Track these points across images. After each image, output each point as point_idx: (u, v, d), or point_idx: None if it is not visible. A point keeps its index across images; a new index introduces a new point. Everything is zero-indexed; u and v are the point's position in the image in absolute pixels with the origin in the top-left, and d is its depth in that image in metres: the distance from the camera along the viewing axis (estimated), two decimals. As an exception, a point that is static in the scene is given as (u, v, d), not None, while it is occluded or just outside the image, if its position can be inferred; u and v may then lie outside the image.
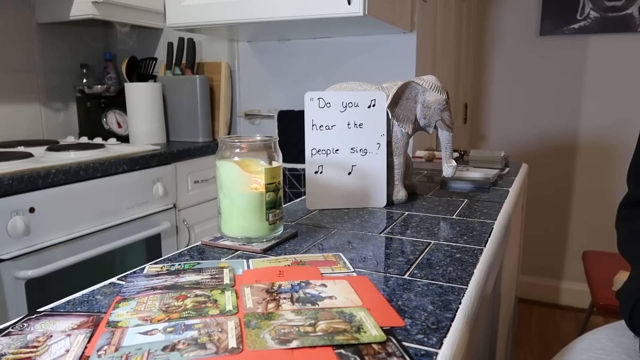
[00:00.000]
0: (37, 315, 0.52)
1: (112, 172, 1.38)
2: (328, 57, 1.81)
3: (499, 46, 2.68)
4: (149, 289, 0.58)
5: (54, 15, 1.76)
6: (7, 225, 1.12)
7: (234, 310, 0.51)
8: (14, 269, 1.14)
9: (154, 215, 1.53)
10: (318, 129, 0.93)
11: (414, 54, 1.69)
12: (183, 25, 1.63)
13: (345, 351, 0.43)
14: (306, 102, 0.92)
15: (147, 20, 1.89)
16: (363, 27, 1.59)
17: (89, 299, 0.56)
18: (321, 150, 0.94)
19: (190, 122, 1.87)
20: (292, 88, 1.89)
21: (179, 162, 1.64)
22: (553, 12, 2.50)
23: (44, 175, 1.20)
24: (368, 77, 1.76)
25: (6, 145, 1.56)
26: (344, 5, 1.36)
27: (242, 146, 0.75)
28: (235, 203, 0.74)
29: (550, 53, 2.53)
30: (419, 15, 1.69)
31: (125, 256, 1.45)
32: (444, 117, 0.97)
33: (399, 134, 0.97)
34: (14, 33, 1.75)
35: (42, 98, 1.86)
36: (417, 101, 0.97)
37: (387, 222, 0.86)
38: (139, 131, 1.79)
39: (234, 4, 1.51)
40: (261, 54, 1.93)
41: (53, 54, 1.89)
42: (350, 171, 0.96)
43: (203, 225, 1.76)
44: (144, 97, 1.77)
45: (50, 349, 0.44)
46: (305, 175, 0.95)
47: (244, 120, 2.01)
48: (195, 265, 0.66)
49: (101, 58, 2.07)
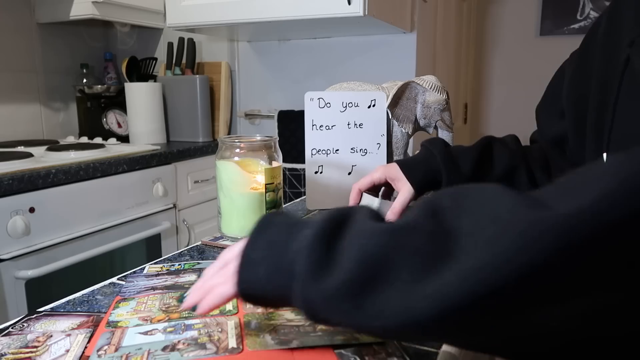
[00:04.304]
0: (37, 315, 0.52)
1: (112, 172, 1.38)
2: (328, 57, 1.81)
3: (499, 46, 2.68)
4: (149, 289, 0.58)
5: (54, 15, 1.76)
6: (7, 225, 1.12)
7: (234, 310, 0.51)
8: (14, 269, 1.14)
9: (154, 215, 1.53)
10: (318, 129, 0.93)
11: (414, 54, 1.68)
12: (183, 25, 1.63)
13: (345, 351, 0.43)
14: (306, 102, 0.92)
15: (147, 20, 1.89)
16: (363, 27, 1.59)
17: (89, 299, 0.56)
18: (321, 150, 0.94)
19: (190, 122, 1.87)
20: (292, 88, 1.89)
21: (179, 162, 1.64)
22: (553, 12, 2.50)
23: (44, 175, 1.20)
24: (368, 77, 1.75)
25: (6, 145, 1.56)
26: (344, 5, 1.36)
27: (242, 146, 0.75)
28: (235, 203, 0.74)
29: (550, 53, 2.53)
30: (419, 15, 1.69)
31: (125, 256, 1.45)
32: (444, 117, 0.97)
33: (399, 134, 0.97)
34: (14, 33, 1.75)
35: (42, 98, 1.86)
36: (417, 101, 0.97)
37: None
38: (139, 131, 1.79)
39: (234, 4, 1.51)
40: (261, 54, 1.93)
41: (53, 54, 1.89)
42: (350, 171, 0.96)
43: (203, 225, 1.76)
44: (144, 97, 1.77)
45: (50, 349, 0.44)
46: (305, 175, 0.95)
47: (244, 120, 2.01)
48: (195, 265, 0.66)
49: (101, 58, 2.07)
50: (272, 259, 0.37)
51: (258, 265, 0.38)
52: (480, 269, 0.28)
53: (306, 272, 0.34)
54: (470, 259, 0.29)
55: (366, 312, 0.31)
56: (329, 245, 0.34)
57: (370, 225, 0.35)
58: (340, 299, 0.32)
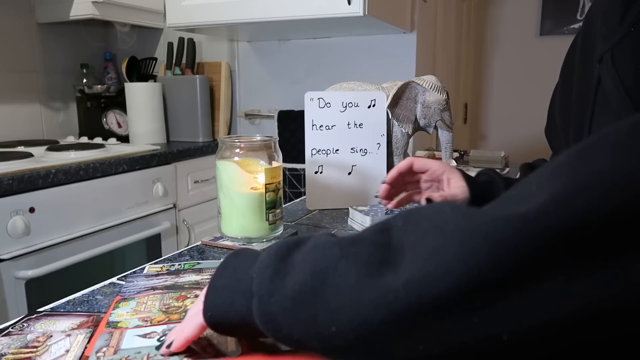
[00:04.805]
0: (37, 315, 0.52)
1: (112, 172, 1.38)
2: (328, 57, 1.81)
3: (499, 46, 2.68)
4: (149, 289, 0.58)
5: (54, 15, 1.76)
6: (7, 225, 1.12)
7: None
8: (14, 269, 1.14)
9: (154, 215, 1.53)
10: (318, 129, 0.93)
11: (414, 54, 1.69)
12: (183, 25, 1.63)
13: (345, 351, 0.42)
14: (306, 102, 0.92)
15: (147, 20, 1.89)
16: (363, 27, 1.59)
17: (89, 299, 0.56)
18: (321, 150, 0.94)
19: (190, 122, 1.87)
20: (292, 88, 1.89)
21: (179, 162, 1.64)
22: (553, 12, 2.50)
23: (44, 175, 1.20)
24: (368, 77, 1.75)
25: (6, 145, 1.56)
26: (344, 5, 1.36)
27: (242, 146, 0.75)
28: (235, 203, 0.74)
29: (550, 53, 2.53)
30: (419, 15, 1.69)
31: (125, 256, 1.45)
32: (444, 117, 0.97)
33: (399, 134, 0.97)
34: (14, 33, 1.75)
35: (42, 98, 1.86)
36: (417, 101, 0.97)
37: (387, 222, 0.86)
38: (139, 131, 1.79)
39: (234, 4, 1.51)
40: (261, 54, 1.93)
41: (53, 54, 1.89)
42: (350, 171, 0.96)
43: (203, 225, 1.76)
44: (144, 97, 1.77)
45: (50, 349, 0.44)
46: (305, 175, 0.95)
47: (244, 120, 2.01)
48: (195, 265, 0.66)
49: (101, 58, 2.07)
50: (234, 284, 0.39)
51: (222, 290, 0.40)
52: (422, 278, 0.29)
53: (263, 288, 0.36)
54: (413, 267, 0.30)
55: (322, 319, 0.32)
56: (282, 260, 0.36)
57: (324, 239, 0.36)
58: (297, 308, 0.33)
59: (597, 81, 0.49)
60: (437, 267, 0.29)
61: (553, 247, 0.27)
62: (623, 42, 0.47)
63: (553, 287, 0.28)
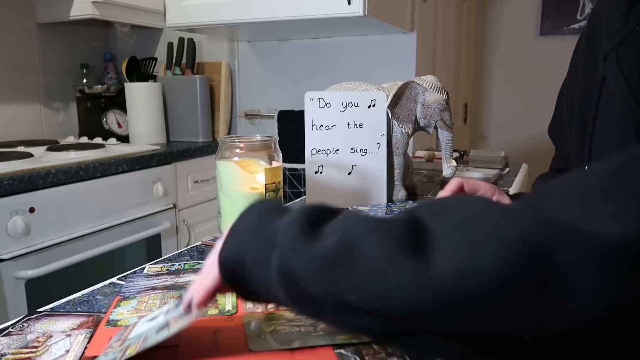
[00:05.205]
0: (37, 315, 0.52)
1: (112, 172, 1.38)
2: (328, 57, 1.81)
3: (499, 46, 2.68)
4: (149, 289, 0.58)
5: (54, 15, 1.76)
6: (7, 225, 1.12)
7: (233, 310, 0.51)
8: (14, 269, 1.14)
9: (154, 215, 1.53)
10: (318, 129, 0.93)
11: (414, 54, 1.69)
12: (183, 25, 1.63)
13: (345, 351, 0.43)
14: (306, 102, 0.92)
15: (147, 20, 1.89)
16: (363, 27, 1.59)
17: (89, 299, 0.56)
18: (321, 150, 0.94)
19: (190, 122, 1.87)
20: (292, 88, 1.89)
21: (179, 162, 1.64)
22: (553, 12, 2.50)
23: (44, 175, 1.20)
24: (368, 77, 1.75)
25: (6, 145, 1.56)
26: (344, 5, 1.36)
27: (242, 146, 0.75)
28: (235, 203, 0.74)
29: (550, 53, 2.53)
30: (419, 15, 1.69)
31: (125, 256, 1.45)
32: (444, 117, 0.97)
33: (399, 134, 0.97)
34: (14, 33, 1.75)
35: (42, 98, 1.86)
36: (417, 101, 0.97)
37: (387, 222, 0.86)
38: (139, 131, 1.79)
39: (234, 4, 1.51)
40: (261, 54, 1.93)
41: (53, 54, 1.89)
42: (350, 171, 0.96)
43: (203, 225, 1.76)
44: (144, 97, 1.77)
45: (50, 349, 0.44)
46: (305, 175, 0.95)
47: (244, 120, 2.01)
48: (195, 265, 0.66)
49: (101, 58, 2.07)
50: (256, 228, 0.39)
51: (242, 233, 0.40)
52: (456, 271, 0.29)
53: (287, 242, 0.35)
54: (445, 258, 0.30)
55: (343, 285, 0.33)
56: (312, 224, 0.36)
57: (354, 214, 0.37)
58: (319, 270, 0.33)
59: (602, 80, 0.49)
60: (472, 262, 0.29)
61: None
62: (627, 41, 0.47)
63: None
